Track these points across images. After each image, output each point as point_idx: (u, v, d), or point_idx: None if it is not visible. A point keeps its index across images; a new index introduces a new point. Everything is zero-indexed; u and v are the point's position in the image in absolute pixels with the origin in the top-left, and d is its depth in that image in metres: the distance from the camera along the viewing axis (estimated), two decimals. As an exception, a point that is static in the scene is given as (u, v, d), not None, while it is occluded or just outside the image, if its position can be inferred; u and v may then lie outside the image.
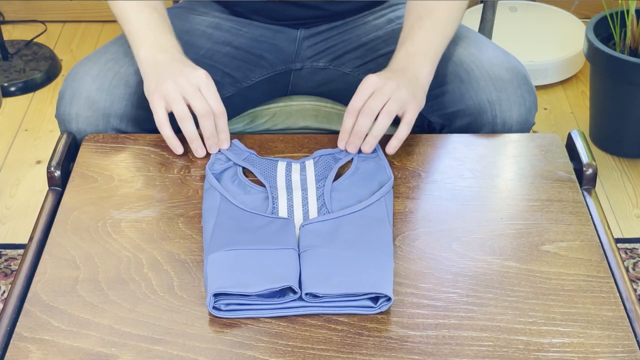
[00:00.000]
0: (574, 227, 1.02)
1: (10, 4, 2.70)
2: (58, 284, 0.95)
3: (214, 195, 1.04)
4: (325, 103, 1.40)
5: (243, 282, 0.91)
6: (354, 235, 0.98)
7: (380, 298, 0.91)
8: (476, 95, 1.20)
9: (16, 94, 2.43)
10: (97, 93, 1.19)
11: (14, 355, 0.87)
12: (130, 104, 1.20)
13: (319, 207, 1.04)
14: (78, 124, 1.19)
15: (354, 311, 0.91)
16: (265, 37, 1.35)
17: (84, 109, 1.19)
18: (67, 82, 1.22)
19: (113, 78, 1.20)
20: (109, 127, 1.19)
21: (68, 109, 1.20)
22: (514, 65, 1.23)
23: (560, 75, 2.43)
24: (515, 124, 1.20)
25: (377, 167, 1.10)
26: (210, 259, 0.94)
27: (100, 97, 1.19)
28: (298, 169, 1.10)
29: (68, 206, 1.06)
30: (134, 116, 1.20)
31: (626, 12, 2.05)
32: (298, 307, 0.91)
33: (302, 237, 0.98)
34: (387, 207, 1.03)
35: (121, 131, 1.20)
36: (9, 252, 1.91)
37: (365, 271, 0.93)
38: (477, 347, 0.88)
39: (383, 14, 1.37)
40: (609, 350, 0.87)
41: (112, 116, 1.19)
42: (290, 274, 0.92)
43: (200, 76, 1.13)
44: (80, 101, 1.19)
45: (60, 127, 1.22)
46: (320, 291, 0.91)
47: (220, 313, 0.91)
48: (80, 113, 1.19)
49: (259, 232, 0.98)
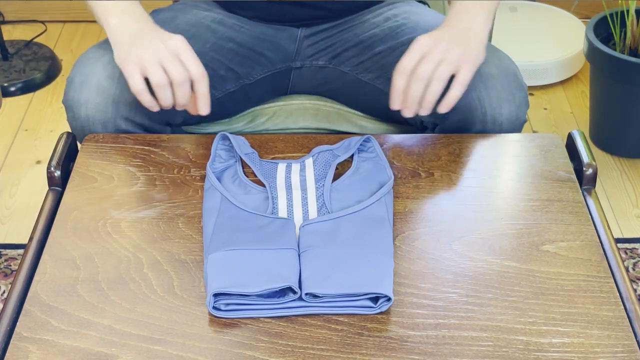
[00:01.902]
0: (574, 227, 1.02)
1: (10, 4, 2.70)
2: (58, 284, 0.95)
3: (215, 195, 1.04)
4: (325, 102, 1.40)
5: (243, 282, 0.91)
6: (353, 236, 0.98)
7: (380, 298, 0.91)
8: (466, 93, 1.19)
9: (16, 94, 2.42)
10: (108, 80, 1.18)
11: (14, 355, 0.87)
12: None
13: (319, 207, 1.04)
14: (87, 109, 1.18)
15: (353, 311, 0.91)
16: (266, 35, 1.35)
17: (94, 95, 1.18)
18: (76, 69, 1.22)
19: None
20: (118, 114, 1.19)
21: (77, 94, 1.19)
22: (503, 62, 1.24)
23: (560, 75, 2.43)
24: (505, 121, 1.20)
25: (377, 167, 1.10)
26: (211, 258, 0.94)
27: (111, 85, 1.18)
28: (298, 170, 1.10)
29: (68, 206, 1.06)
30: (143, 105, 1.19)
31: (626, 12, 2.05)
32: (298, 307, 0.91)
33: (302, 237, 0.98)
34: (387, 207, 1.03)
35: (129, 119, 1.19)
36: (9, 252, 1.91)
37: (365, 271, 0.93)
38: (477, 347, 0.88)
39: (381, 12, 1.37)
40: (609, 350, 0.87)
41: (122, 104, 1.18)
42: (290, 274, 0.92)
43: (178, 42, 1.11)
44: (90, 87, 1.18)
45: (68, 113, 1.21)
46: (320, 291, 0.91)
47: (220, 313, 0.91)
48: (90, 99, 1.18)
49: (259, 232, 0.98)
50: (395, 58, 1.15)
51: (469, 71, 1.13)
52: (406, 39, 1.30)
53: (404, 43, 1.30)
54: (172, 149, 1.15)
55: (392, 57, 1.27)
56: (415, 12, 1.36)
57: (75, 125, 1.20)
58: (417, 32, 1.30)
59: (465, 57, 1.12)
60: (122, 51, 1.13)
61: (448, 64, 1.11)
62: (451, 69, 1.11)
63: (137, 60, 1.10)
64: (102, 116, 1.18)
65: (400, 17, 1.34)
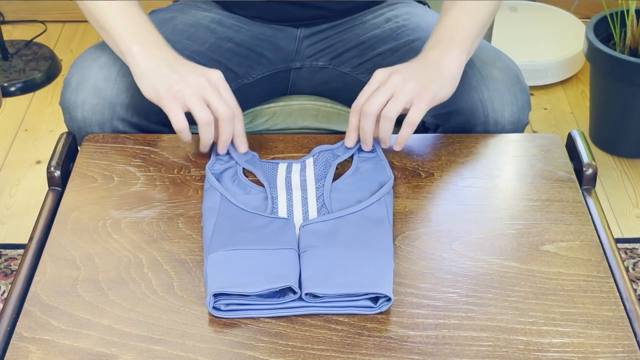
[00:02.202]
0: (574, 227, 1.02)
1: (10, 4, 2.70)
2: (58, 284, 0.95)
3: (214, 195, 1.04)
4: (325, 103, 1.40)
5: (243, 282, 0.91)
6: (354, 236, 0.98)
7: (380, 298, 0.91)
8: (468, 95, 1.20)
9: (16, 94, 2.43)
10: (105, 82, 1.18)
11: (14, 355, 0.87)
12: (137, 94, 1.18)
13: (319, 207, 1.04)
14: (84, 111, 1.18)
15: (353, 311, 0.91)
16: (266, 35, 1.35)
17: (91, 96, 1.18)
18: (73, 70, 1.21)
19: (121, 67, 1.19)
20: (114, 116, 1.19)
21: (74, 96, 1.19)
22: (506, 64, 1.23)
23: (560, 75, 2.43)
24: (507, 123, 1.20)
25: (377, 167, 1.10)
26: (211, 258, 0.94)
27: (108, 86, 1.18)
28: (298, 170, 1.10)
29: (68, 206, 1.06)
30: (140, 107, 1.19)
31: (626, 12, 2.05)
32: (298, 307, 0.91)
33: (302, 237, 0.98)
34: (387, 207, 1.03)
35: (126, 120, 1.19)
36: (9, 252, 1.91)
37: (365, 271, 0.93)
38: (477, 347, 0.88)
39: (381, 12, 1.37)
40: (609, 350, 0.87)
41: (118, 105, 1.18)
42: (290, 274, 0.92)
43: (218, 77, 1.08)
44: (86, 89, 1.18)
45: (65, 115, 1.21)
46: (320, 291, 0.91)
47: (220, 313, 0.91)
48: (87, 100, 1.18)
49: (259, 232, 0.98)
50: (396, 59, 1.15)
51: (421, 109, 1.07)
52: (407, 40, 1.30)
53: (405, 44, 1.30)
54: (172, 149, 1.15)
55: (393, 58, 1.28)
56: (416, 13, 1.36)
57: (72, 126, 1.21)
58: (418, 33, 1.30)
59: (420, 92, 1.07)
60: (158, 85, 1.08)
61: (398, 100, 1.06)
62: (400, 105, 1.06)
63: (180, 96, 1.07)
64: (98, 117, 1.18)
65: (401, 17, 1.34)
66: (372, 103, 1.07)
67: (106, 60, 1.19)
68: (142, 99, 1.16)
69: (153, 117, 1.18)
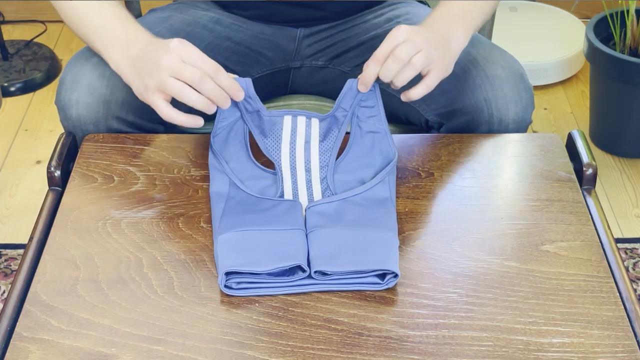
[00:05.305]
0: (574, 227, 1.02)
1: (10, 4, 2.70)
2: (58, 284, 0.95)
3: (223, 179, 1.06)
4: (325, 102, 1.40)
5: (253, 261, 0.93)
6: (358, 216, 1.01)
7: (388, 274, 0.93)
8: (472, 94, 1.20)
9: (16, 94, 2.43)
10: (99, 80, 1.18)
11: (14, 355, 0.87)
12: (132, 92, 1.18)
13: (323, 189, 1.06)
14: (78, 110, 1.19)
15: (362, 288, 0.93)
16: (265, 34, 1.35)
17: (85, 95, 1.18)
18: (68, 69, 1.22)
19: None
20: (109, 114, 1.19)
21: (68, 95, 1.19)
22: (510, 63, 1.23)
23: (560, 75, 2.43)
24: (511, 122, 1.20)
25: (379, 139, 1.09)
26: (220, 239, 0.96)
27: (102, 84, 1.18)
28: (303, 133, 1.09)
29: (68, 206, 1.06)
30: (135, 104, 1.19)
31: (626, 12, 2.05)
32: (308, 285, 0.93)
33: (308, 218, 1.00)
34: (389, 187, 1.05)
35: (121, 118, 1.19)
36: (9, 252, 1.91)
37: (372, 249, 0.95)
38: (477, 347, 0.88)
39: (382, 12, 1.36)
40: (609, 350, 0.87)
41: (112, 103, 1.18)
42: (298, 252, 0.94)
43: (175, 48, 1.05)
44: (81, 87, 1.18)
45: (60, 114, 1.21)
46: (329, 269, 0.93)
47: (232, 291, 0.92)
48: (81, 99, 1.18)
49: (267, 214, 1.01)
50: None
51: (439, 77, 1.09)
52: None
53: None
54: (172, 149, 1.15)
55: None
56: (417, 13, 1.36)
57: (67, 125, 1.21)
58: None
59: (439, 62, 1.08)
60: (137, 86, 1.09)
61: (426, 56, 1.06)
62: (426, 63, 1.07)
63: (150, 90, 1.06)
64: (93, 116, 1.18)
65: (402, 18, 1.34)
66: (404, 51, 1.05)
67: (100, 59, 1.19)
68: (135, 97, 1.16)
69: (147, 114, 1.18)
